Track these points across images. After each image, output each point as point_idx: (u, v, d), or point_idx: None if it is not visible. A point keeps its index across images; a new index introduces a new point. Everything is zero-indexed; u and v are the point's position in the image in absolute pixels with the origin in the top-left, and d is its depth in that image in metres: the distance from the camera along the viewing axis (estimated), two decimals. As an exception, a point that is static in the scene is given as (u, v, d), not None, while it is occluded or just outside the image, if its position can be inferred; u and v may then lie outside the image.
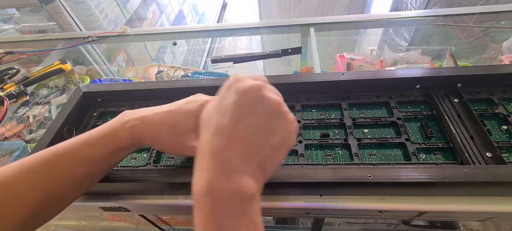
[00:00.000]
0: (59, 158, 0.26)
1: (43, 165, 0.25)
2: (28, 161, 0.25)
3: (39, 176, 0.25)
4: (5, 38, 0.98)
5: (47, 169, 0.25)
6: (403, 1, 1.37)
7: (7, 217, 0.23)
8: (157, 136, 0.28)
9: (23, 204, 0.23)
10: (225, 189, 0.19)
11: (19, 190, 0.23)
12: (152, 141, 0.28)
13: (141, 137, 0.28)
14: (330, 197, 0.33)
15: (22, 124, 0.58)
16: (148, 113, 0.28)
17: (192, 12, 2.37)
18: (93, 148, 0.27)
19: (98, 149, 0.27)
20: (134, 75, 0.83)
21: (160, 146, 0.29)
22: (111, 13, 1.31)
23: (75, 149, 0.26)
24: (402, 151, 0.36)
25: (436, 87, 0.40)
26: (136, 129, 0.28)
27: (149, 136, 0.28)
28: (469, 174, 0.28)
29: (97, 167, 0.28)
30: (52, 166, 0.25)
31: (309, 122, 0.40)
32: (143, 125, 0.28)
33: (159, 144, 0.29)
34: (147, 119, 0.28)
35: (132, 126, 0.28)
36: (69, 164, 0.26)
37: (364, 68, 0.65)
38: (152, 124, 0.28)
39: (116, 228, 0.92)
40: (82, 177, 0.27)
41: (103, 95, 0.47)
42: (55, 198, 0.26)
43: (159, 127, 0.28)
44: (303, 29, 0.79)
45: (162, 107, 0.29)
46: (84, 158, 0.26)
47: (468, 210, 0.31)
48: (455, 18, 0.75)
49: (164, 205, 0.36)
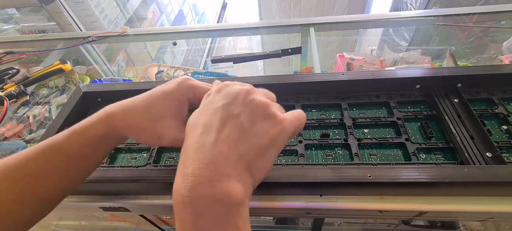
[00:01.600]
0: (38, 152, 0.24)
1: (22, 160, 0.24)
2: (9, 158, 0.24)
3: (17, 170, 0.23)
4: (5, 38, 0.98)
5: (25, 163, 0.24)
6: (403, 1, 1.37)
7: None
8: (131, 122, 0.26)
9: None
10: (209, 195, 0.17)
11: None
12: (127, 128, 0.26)
13: (115, 123, 0.26)
14: (330, 197, 0.33)
15: (22, 124, 0.58)
16: (125, 100, 0.27)
17: (192, 12, 2.37)
18: (69, 138, 0.25)
19: (73, 138, 0.25)
20: (134, 75, 0.83)
21: (135, 133, 0.26)
22: (111, 13, 1.31)
23: (53, 142, 0.25)
24: (402, 151, 0.36)
25: (436, 87, 0.40)
26: (110, 114, 0.26)
27: (123, 123, 0.26)
28: (469, 174, 0.28)
29: (76, 160, 0.26)
30: (30, 160, 0.24)
31: (309, 122, 0.40)
32: (117, 110, 0.26)
33: (134, 131, 0.26)
34: (122, 103, 0.26)
35: (106, 113, 0.26)
36: (47, 157, 0.24)
37: (364, 68, 0.65)
38: (127, 109, 0.26)
39: (116, 228, 0.92)
40: (61, 172, 0.25)
41: (103, 95, 0.47)
42: (32, 195, 0.24)
43: (133, 112, 0.26)
44: (303, 29, 0.79)
45: (136, 97, 0.28)
46: (61, 150, 0.25)
47: (468, 210, 0.31)
48: (455, 18, 0.75)
49: (164, 205, 0.36)
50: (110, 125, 0.26)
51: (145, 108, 0.26)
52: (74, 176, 0.27)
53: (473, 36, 0.81)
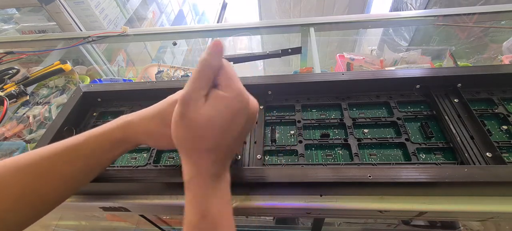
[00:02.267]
0: (46, 155, 0.26)
1: (30, 161, 0.25)
2: (16, 157, 0.25)
3: (23, 171, 0.24)
4: (5, 38, 0.98)
5: (33, 164, 0.25)
6: (403, 1, 1.37)
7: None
8: (149, 130, 0.28)
9: (7, 197, 0.23)
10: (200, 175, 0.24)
11: (3, 184, 0.23)
12: (146, 135, 0.29)
13: (132, 130, 0.28)
14: (330, 197, 0.33)
15: (22, 124, 0.58)
16: (141, 110, 0.29)
17: (192, 12, 2.37)
18: (87, 140, 0.27)
19: (90, 141, 0.27)
20: (134, 75, 0.83)
21: (153, 139, 0.29)
22: (111, 13, 1.31)
23: (63, 146, 0.26)
24: (402, 151, 0.36)
25: (436, 87, 0.40)
26: (128, 122, 0.28)
27: (142, 130, 0.28)
28: (469, 174, 0.28)
29: (88, 161, 0.27)
30: (38, 161, 0.25)
31: (309, 122, 0.40)
32: (135, 118, 0.28)
33: (153, 138, 0.29)
34: (139, 113, 0.29)
35: (124, 120, 0.28)
36: (55, 160, 0.26)
37: (364, 68, 0.65)
38: (144, 117, 0.28)
39: (116, 228, 0.92)
40: (69, 174, 0.27)
41: (103, 95, 0.47)
42: (37, 196, 0.25)
43: (150, 119, 0.28)
44: (303, 29, 0.79)
45: (151, 106, 0.30)
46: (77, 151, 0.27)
47: (468, 210, 0.31)
48: (455, 18, 0.75)
49: (164, 205, 0.36)
50: (126, 131, 0.28)
51: (160, 116, 0.28)
52: (82, 177, 0.28)
53: (473, 36, 0.81)
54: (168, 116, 0.27)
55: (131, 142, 0.29)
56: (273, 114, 0.42)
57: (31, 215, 0.26)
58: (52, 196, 0.26)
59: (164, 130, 0.28)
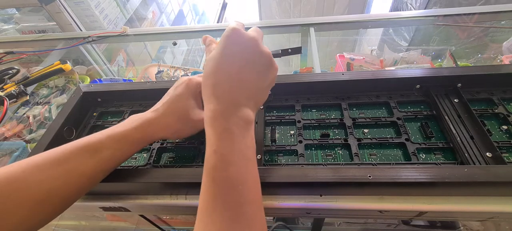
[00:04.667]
0: (67, 155, 0.27)
1: (51, 162, 0.26)
2: (37, 158, 0.26)
3: (46, 172, 0.25)
4: (5, 38, 0.98)
5: (54, 166, 0.26)
6: (403, 1, 1.37)
7: (10, 212, 0.23)
8: (168, 126, 0.31)
9: (27, 200, 0.24)
10: (235, 115, 0.25)
11: (25, 185, 0.24)
12: (165, 132, 0.32)
13: (153, 131, 0.31)
14: (330, 197, 0.33)
15: (22, 124, 0.58)
16: (152, 109, 0.32)
17: (192, 12, 2.37)
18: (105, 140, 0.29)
19: (108, 142, 0.29)
20: (134, 75, 0.83)
21: (172, 133, 0.32)
22: (111, 13, 1.31)
23: (83, 146, 0.28)
24: (402, 151, 0.36)
25: (436, 87, 0.40)
26: (147, 124, 0.31)
27: (161, 128, 0.31)
28: (469, 174, 0.28)
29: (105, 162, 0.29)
30: (60, 163, 0.26)
31: (309, 121, 0.40)
32: (153, 119, 0.31)
33: (171, 131, 0.32)
34: (154, 112, 0.32)
35: (143, 121, 0.31)
36: (75, 160, 0.27)
37: (364, 68, 0.65)
38: (161, 116, 0.31)
39: (116, 228, 0.92)
40: (88, 174, 0.28)
41: (103, 95, 0.47)
42: (60, 196, 0.26)
43: (167, 117, 0.31)
44: (303, 29, 0.79)
45: (156, 106, 0.33)
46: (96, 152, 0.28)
47: (468, 210, 0.31)
48: (455, 18, 0.75)
49: (164, 205, 0.36)
50: (146, 132, 0.31)
51: (173, 112, 0.31)
52: (100, 175, 0.29)
53: (473, 36, 0.81)
54: (181, 110, 0.32)
55: (148, 140, 0.32)
56: (273, 114, 0.42)
57: (50, 215, 0.26)
58: (71, 195, 0.27)
59: (182, 122, 0.31)
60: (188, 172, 0.32)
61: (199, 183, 0.32)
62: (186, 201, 0.35)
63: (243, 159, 0.24)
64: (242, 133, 0.25)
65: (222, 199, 0.22)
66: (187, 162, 0.37)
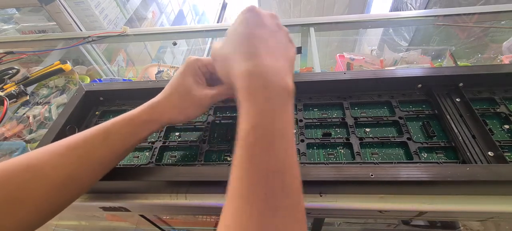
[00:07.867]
0: (82, 140, 0.27)
1: (66, 147, 0.27)
2: (51, 146, 0.27)
3: (62, 158, 0.26)
4: (5, 38, 0.98)
5: (70, 151, 0.26)
6: (403, 1, 1.37)
7: (28, 198, 0.23)
8: (174, 104, 0.32)
9: (44, 185, 0.24)
10: (278, 84, 0.23)
11: (42, 172, 0.24)
12: (171, 111, 0.32)
13: (159, 111, 0.31)
14: (330, 196, 0.32)
15: (22, 124, 0.58)
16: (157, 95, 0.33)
17: (192, 12, 2.37)
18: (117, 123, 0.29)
19: (119, 124, 0.29)
20: (134, 75, 0.83)
21: (179, 112, 0.32)
22: (111, 13, 1.31)
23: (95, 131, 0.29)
24: (404, 150, 0.36)
25: (438, 87, 0.40)
26: (154, 104, 0.31)
27: (167, 108, 0.32)
28: (471, 173, 0.28)
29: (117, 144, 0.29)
30: (73, 149, 0.27)
31: (311, 121, 0.40)
32: (158, 100, 0.32)
33: (177, 111, 0.32)
34: (159, 96, 0.32)
35: (149, 103, 0.31)
36: (91, 145, 0.28)
37: (364, 68, 0.65)
38: (166, 97, 0.32)
39: (116, 228, 0.92)
40: (103, 157, 0.28)
41: (105, 95, 0.47)
42: (75, 181, 0.27)
43: (172, 96, 0.32)
44: (303, 29, 0.79)
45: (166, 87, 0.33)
46: (109, 134, 0.29)
47: (469, 210, 0.31)
48: (455, 18, 0.75)
49: (164, 204, 0.35)
50: (153, 112, 0.31)
51: (177, 91, 0.32)
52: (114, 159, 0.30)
53: (473, 36, 0.81)
54: (183, 88, 0.32)
55: (157, 122, 0.32)
56: (275, 114, 0.42)
57: (67, 201, 0.27)
58: (87, 180, 0.28)
59: (187, 99, 0.32)
60: (190, 170, 0.32)
61: (200, 182, 0.32)
62: (186, 201, 0.35)
63: (286, 135, 0.21)
64: (284, 105, 0.22)
65: (261, 184, 0.19)
66: (189, 161, 0.37)
